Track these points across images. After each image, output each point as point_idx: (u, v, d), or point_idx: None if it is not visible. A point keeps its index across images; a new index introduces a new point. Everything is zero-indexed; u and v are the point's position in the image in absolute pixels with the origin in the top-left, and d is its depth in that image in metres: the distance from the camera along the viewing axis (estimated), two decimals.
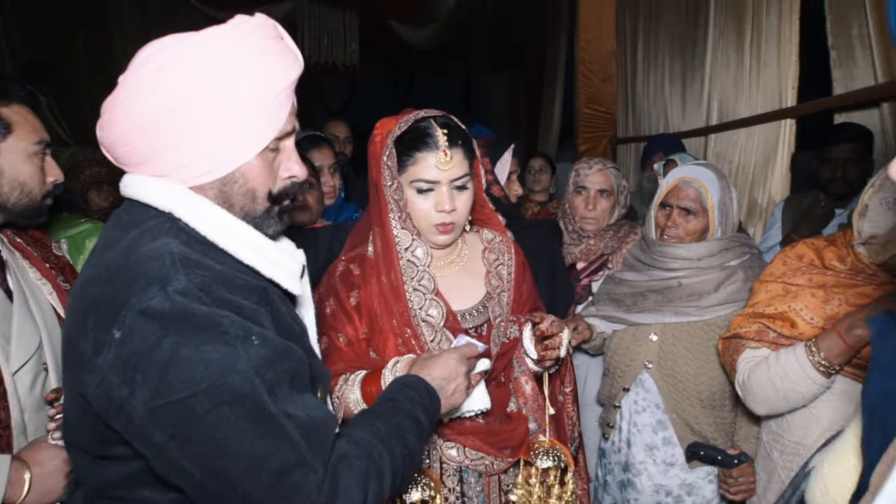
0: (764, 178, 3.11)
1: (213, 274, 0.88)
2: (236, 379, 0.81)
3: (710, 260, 1.87)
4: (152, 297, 0.82)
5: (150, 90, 0.89)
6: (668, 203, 1.92)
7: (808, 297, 1.52)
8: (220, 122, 0.90)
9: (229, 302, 0.86)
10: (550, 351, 1.46)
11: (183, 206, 0.93)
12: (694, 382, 1.85)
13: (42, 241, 1.60)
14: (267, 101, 0.92)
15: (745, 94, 3.24)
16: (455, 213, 1.42)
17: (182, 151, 0.91)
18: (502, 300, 1.54)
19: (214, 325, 0.82)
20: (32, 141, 1.41)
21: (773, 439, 1.62)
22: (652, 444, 1.92)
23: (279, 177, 1.01)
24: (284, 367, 0.88)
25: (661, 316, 1.88)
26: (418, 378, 1.16)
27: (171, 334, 0.81)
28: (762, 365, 1.55)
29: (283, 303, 1.02)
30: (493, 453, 1.48)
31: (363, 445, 0.95)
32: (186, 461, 0.83)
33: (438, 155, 1.37)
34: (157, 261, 0.86)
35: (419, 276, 1.47)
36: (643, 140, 4.43)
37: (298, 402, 0.88)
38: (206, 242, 0.93)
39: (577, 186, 2.32)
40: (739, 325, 1.64)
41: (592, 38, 4.64)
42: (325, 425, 0.91)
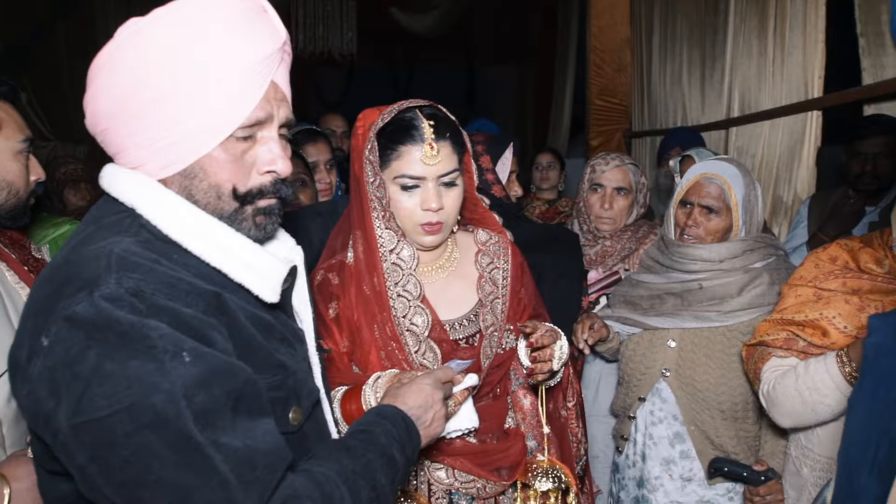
0: (789, 173, 3.10)
1: (155, 277, 0.82)
2: (160, 400, 0.76)
3: (732, 262, 1.85)
4: (78, 302, 0.78)
5: (108, 74, 0.88)
6: (688, 201, 1.91)
7: (842, 304, 1.50)
8: (174, 106, 0.87)
9: (166, 310, 0.80)
10: (540, 364, 1.41)
11: (144, 201, 0.90)
12: (715, 392, 1.84)
13: (21, 242, 1.61)
14: (225, 82, 0.87)
15: (769, 85, 3.22)
16: (442, 211, 1.38)
17: (143, 139, 0.89)
18: (496, 308, 1.51)
19: (141, 338, 0.77)
20: (18, 139, 1.43)
21: (803, 454, 1.61)
22: (669, 458, 1.91)
23: (256, 171, 0.95)
24: (224, 390, 0.81)
25: (681, 321, 1.87)
26: (395, 409, 1.09)
27: (95, 345, 0.76)
28: (789, 375, 1.53)
29: (262, 310, 0.98)
30: (485, 476, 1.44)
31: (322, 485, 0.88)
32: (107, 487, 0.78)
33: (424, 148, 1.33)
34: (93, 262, 0.82)
35: (404, 280, 1.43)
36: (659, 134, 4.41)
37: (241, 429, 0.81)
38: (170, 241, 0.90)
39: (592, 183, 2.30)
40: (766, 332, 1.62)
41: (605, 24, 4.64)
42: (268, 458, 0.83)
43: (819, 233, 2.62)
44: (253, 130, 0.93)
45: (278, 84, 0.95)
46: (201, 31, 0.86)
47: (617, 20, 4.66)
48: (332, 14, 6.99)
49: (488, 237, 1.57)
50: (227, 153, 0.91)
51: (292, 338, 1.06)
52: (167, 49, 0.86)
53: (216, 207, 0.93)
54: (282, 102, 0.96)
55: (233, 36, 0.88)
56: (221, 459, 0.78)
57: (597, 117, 4.80)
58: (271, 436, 0.85)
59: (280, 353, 0.98)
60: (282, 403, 0.96)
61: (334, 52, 7.03)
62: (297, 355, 1.05)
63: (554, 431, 1.58)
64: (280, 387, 0.96)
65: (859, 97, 2.71)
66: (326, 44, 6.97)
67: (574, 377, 1.69)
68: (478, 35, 8.59)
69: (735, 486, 1.86)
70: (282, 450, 0.86)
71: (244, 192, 0.94)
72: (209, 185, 0.92)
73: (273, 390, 0.93)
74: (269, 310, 1.01)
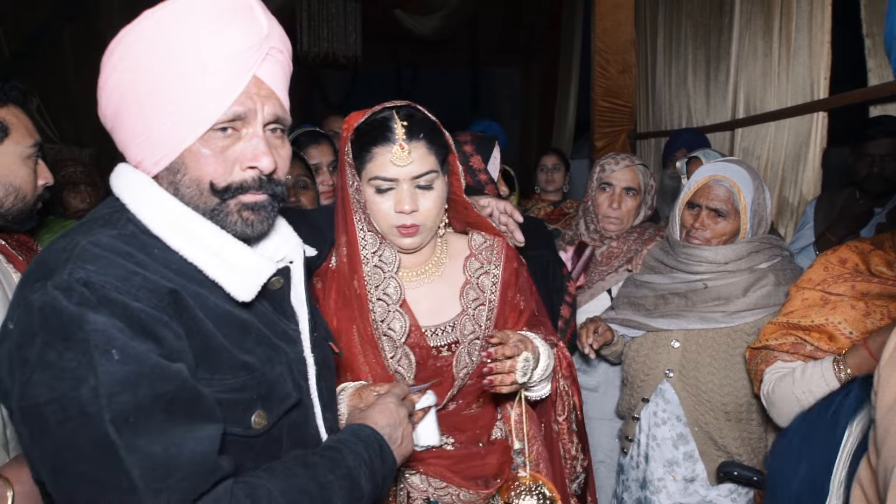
0: (795, 174, 3.09)
1: (110, 271, 0.84)
2: (85, 394, 0.77)
3: (738, 263, 1.85)
4: (35, 290, 0.82)
5: (106, 75, 0.93)
6: (696, 203, 1.90)
7: (848, 310, 1.49)
8: (157, 101, 0.89)
9: (115, 302, 0.81)
10: (497, 375, 1.30)
11: (132, 197, 0.94)
12: (719, 393, 1.83)
13: (28, 244, 1.62)
14: (200, 77, 0.89)
15: (774, 86, 3.22)
16: (418, 214, 1.35)
17: (136, 135, 0.93)
18: (480, 315, 1.47)
19: (77, 330, 0.79)
20: (28, 144, 1.44)
21: None
22: (672, 460, 1.91)
23: (238, 167, 0.95)
24: (152, 392, 0.80)
25: (685, 322, 1.86)
26: (372, 431, 1.08)
27: (41, 333, 0.80)
28: (787, 377, 1.54)
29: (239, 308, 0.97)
30: (459, 483, 1.42)
31: (257, 501, 0.86)
32: (42, 470, 0.83)
33: (394, 149, 1.31)
34: (58, 254, 0.86)
35: (385, 283, 1.42)
36: (664, 135, 4.41)
37: (168, 434, 0.80)
38: (153, 236, 0.92)
39: (601, 183, 2.30)
40: (771, 335, 1.62)
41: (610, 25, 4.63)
42: (189, 469, 0.81)
43: (827, 233, 2.61)
44: (234, 125, 0.94)
45: (262, 80, 0.95)
46: (178, 29, 0.88)
47: (621, 21, 4.65)
48: (336, 16, 7.02)
49: (483, 241, 1.53)
50: (208, 147, 0.92)
51: (277, 338, 1.04)
52: (149, 47, 0.89)
53: (199, 202, 0.95)
54: (267, 99, 0.96)
55: (206, 30, 0.89)
56: (133, 462, 0.77)
57: (601, 118, 4.79)
58: (204, 445, 0.83)
59: (250, 354, 0.97)
60: (243, 405, 0.94)
61: (338, 54, 7.05)
62: (279, 357, 1.02)
63: (546, 447, 1.54)
64: (241, 389, 0.94)
65: (865, 98, 2.71)
66: (331, 46, 6.99)
67: (573, 390, 1.55)
68: (482, 36, 8.59)
69: (738, 487, 1.85)
70: (212, 462, 0.83)
71: (222, 186, 0.94)
72: (190, 180, 0.93)
73: (233, 392, 0.93)
74: (249, 308, 1.00)
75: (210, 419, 0.86)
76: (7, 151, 1.41)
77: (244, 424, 0.94)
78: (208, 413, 0.86)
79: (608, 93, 4.73)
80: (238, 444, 0.94)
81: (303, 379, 1.08)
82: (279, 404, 1.00)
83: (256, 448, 0.97)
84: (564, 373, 1.52)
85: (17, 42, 5.01)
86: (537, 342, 1.41)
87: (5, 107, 1.42)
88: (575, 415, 1.54)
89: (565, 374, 1.52)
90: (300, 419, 1.07)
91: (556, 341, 1.53)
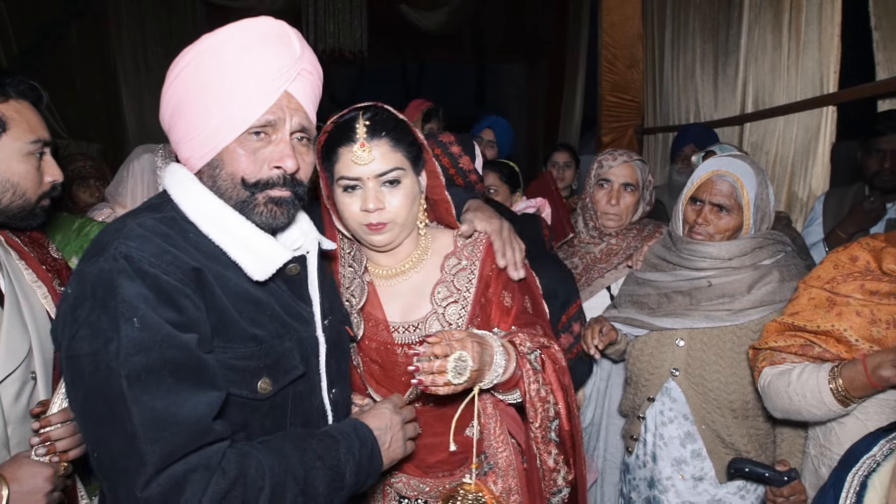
0: (804, 169, 3.08)
1: (147, 248, 1.01)
2: (111, 352, 0.94)
3: (742, 259, 1.84)
4: (90, 263, 1.01)
5: (167, 87, 1.12)
6: (698, 198, 1.89)
7: (853, 317, 1.48)
8: (205, 108, 1.08)
9: (148, 274, 0.98)
10: (428, 376, 1.25)
11: (175, 189, 1.13)
12: (725, 391, 1.83)
13: (40, 241, 1.61)
14: (240, 89, 1.07)
15: (784, 80, 3.20)
16: (384, 212, 1.36)
17: (186, 136, 1.11)
18: (451, 313, 1.45)
19: (111, 298, 0.96)
20: (28, 140, 1.41)
21: (821, 453, 1.59)
22: (680, 458, 1.90)
23: (267, 166, 1.12)
24: (161, 356, 0.95)
25: (690, 321, 1.85)
26: (371, 433, 1.19)
27: (90, 298, 0.97)
28: (784, 376, 1.54)
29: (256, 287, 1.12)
30: (414, 473, 1.48)
31: (247, 470, 0.98)
32: (75, 412, 1.01)
33: (355, 148, 1.33)
34: (112, 233, 1.04)
35: (353, 285, 1.45)
36: (671, 130, 4.39)
37: (172, 393, 0.94)
38: (190, 222, 1.10)
39: (599, 179, 2.30)
40: (776, 335, 1.60)
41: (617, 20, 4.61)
42: (185, 426, 0.94)
43: (837, 230, 2.60)
44: (265, 130, 1.11)
45: (293, 94, 1.13)
46: (226, 51, 1.07)
47: (629, 16, 4.63)
48: (342, 11, 7.02)
49: (467, 238, 1.53)
50: (243, 148, 1.10)
51: (291, 318, 1.18)
52: (202, 64, 1.08)
53: (232, 194, 1.12)
54: (295, 111, 1.13)
55: (248, 52, 1.07)
56: (137, 412, 0.92)
57: (608, 114, 4.77)
58: (200, 409, 0.96)
59: (261, 328, 1.11)
60: (251, 371, 1.09)
61: (345, 49, 7.05)
62: (289, 334, 1.16)
63: (528, 455, 1.48)
64: (250, 357, 1.09)
65: (875, 92, 2.68)
66: (337, 42, 7.00)
67: (557, 397, 1.42)
68: (488, 32, 8.57)
69: (746, 484, 1.85)
70: (205, 424, 0.96)
71: (253, 181, 1.11)
72: (226, 174, 1.11)
73: (242, 359, 1.08)
74: (266, 289, 1.15)
75: (212, 387, 0.99)
76: (4, 147, 1.38)
77: (251, 388, 1.09)
78: (211, 381, 1.00)
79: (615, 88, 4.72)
80: (246, 405, 1.09)
81: (313, 356, 1.22)
82: (285, 374, 1.14)
83: (263, 410, 1.12)
84: (546, 378, 1.40)
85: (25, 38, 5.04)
86: (492, 342, 1.34)
87: (6, 102, 1.40)
88: (558, 424, 1.42)
89: (546, 381, 1.40)
90: (306, 390, 1.20)
91: (546, 343, 1.44)
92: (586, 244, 2.33)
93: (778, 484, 1.61)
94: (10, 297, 1.42)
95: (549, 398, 1.40)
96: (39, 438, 1.28)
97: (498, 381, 1.34)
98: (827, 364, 1.48)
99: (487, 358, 1.30)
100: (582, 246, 2.34)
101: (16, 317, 1.40)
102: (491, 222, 1.55)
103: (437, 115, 3.91)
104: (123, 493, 0.93)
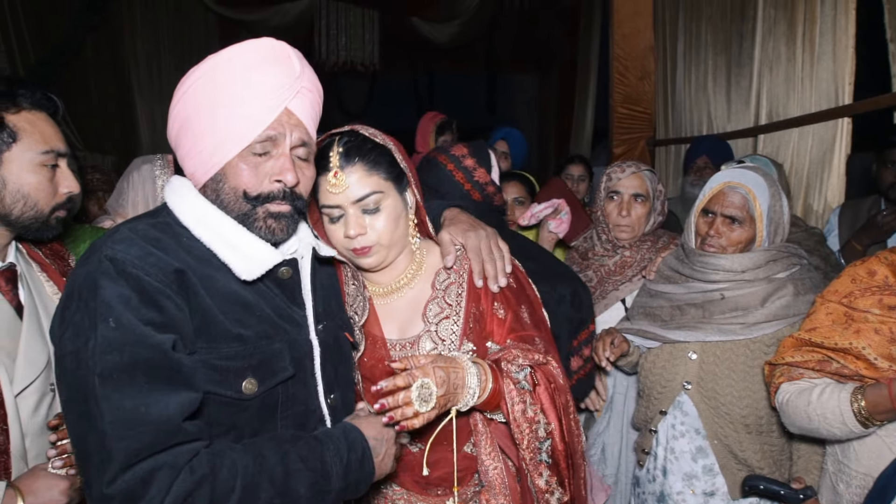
0: (819, 181, 3.05)
1: (132, 251, 1.05)
2: (88, 351, 0.98)
3: (755, 272, 1.82)
4: (81, 265, 1.06)
5: (174, 105, 1.16)
6: (710, 210, 1.87)
7: (872, 335, 1.45)
8: (208, 125, 1.12)
9: (130, 276, 1.02)
10: (396, 410, 1.21)
11: (171, 197, 1.18)
12: (738, 406, 1.80)
13: (61, 254, 1.61)
14: (242, 107, 1.11)
15: (798, 91, 3.18)
16: (367, 237, 1.37)
17: (191, 151, 1.15)
18: (444, 329, 1.43)
19: (92, 299, 1.00)
20: (39, 150, 1.40)
21: (839, 470, 1.57)
22: (691, 473, 1.88)
23: (268, 180, 1.15)
24: (133, 357, 0.98)
25: (703, 334, 1.83)
26: (362, 436, 1.19)
27: (77, 299, 1.02)
28: (805, 394, 1.51)
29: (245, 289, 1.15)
30: (414, 489, 1.46)
31: (216, 470, 0.99)
32: (62, 405, 1.04)
33: (329, 177, 1.34)
34: (105, 238, 1.09)
35: (357, 302, 1.46)
36: (684, 142, 4.37)
37: (143, 393, 0.97)
38: (183, 226, 1.15)
39: (609, 192, 2.29)
40: (792, 351, 1.58)
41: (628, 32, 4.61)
42: (153, 426, 0.96)
43: (852, 241, 2.57)
44: (266, 146, 1.14)
45: (293, 111, 1.16)
46: (230, 70, 1.11)
47: (640, 28, 4.62)
48: (354, 24, 7.09)
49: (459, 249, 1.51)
50: (245, 162, 1.14)
51: (282, 320, 1.20)
52: (206, 83, 1.12)
53: (234, 207, 1.16)
54: (295, 127, 1.16)
55: (250, 72, 1.11)
56: (106, 409, 0.95)
57: (620, 125, 4.76)
58: (171, 409, 0.98)
59: (247, 328, 1.13)
60: (234, 372, 1.11)
61: (356, 62, 7.11)
62: (279, 336, 1.18)
63: (521, 476, 1.44)
64: (233, 357, 1.11)
65: (890, 104, 2.66)
66: (349, 54, 7.06)
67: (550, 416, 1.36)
68: (499, 43, 8.61)
69: (760, 501, 1.81)
70: (174, 425, 0.98)
71: (254, 195, 1.15)
72: (229, 188, 1.15)
73: (226, 359, 1.10)
74: (256, 291, 1.17)
75: (187, 388, 1.02)
76: (15, 158, 1.37)
77: (235, 388, 1.10)
78: (186, 382, 1.02)
79: (627, 99, 4.70)
80: (232, 405, 1.11)
81: (307, 359, 1.24)
82: (272, 376, 1.16)
83: (251, 411, 1.13)
84: (537, 397, 1.35)
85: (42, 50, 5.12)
86: (464, 363, 1.31)
87: (18, 113, 1.39)
88: (550, 444, 1.36)
89: (535, 400, 1.34)
90: (300, 394, 1.22)
91: (542, 360, 1.39)
92: (600, 257, 2.32)
93: (794, 502, 1.58)
94: (29, 308, 1.42)
95: (537, 418, 1.34)
96: (56, 451, 1.29)
97: (475, 402, 1.30)
98: (849, 385, 1.46)
99: (458, 380, 1.27)
100: (596, 259, 2.33)
101: (35, 329, 1.40)
102: (466, 235, 1.51)
103: (450, 128, 3.92)
104: (94, 489, 0.96)
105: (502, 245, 1.53)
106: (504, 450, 1.46)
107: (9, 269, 1.44)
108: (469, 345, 1.43)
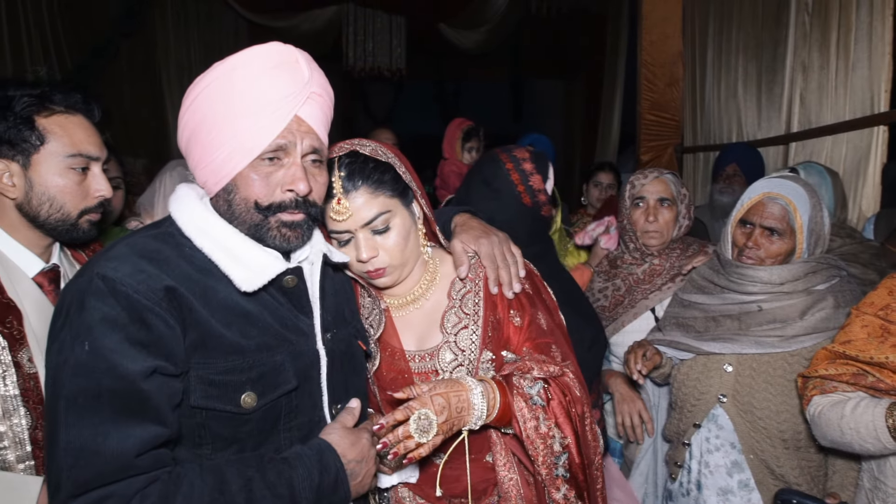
0: (854, 191, 2.97)
1: (123, 268, 1.03)
2: (62, 370, 0.98)
3: (794, 284, 1.77)
4: (73, 279, 1.05)
5: (182, 114, 1.14)
6: (749, 221, 1.82)
7: None
8: (218, 135, 1.09)
9: (120, 294, 1.00)
10: (399, 445, 1.18)
11: (175, 208, 1.16)
12: (776, 420, 1.75)
13: None
14: (251, 116, 1.07)
15: (832, 98, 3.11)
16: (379, 258, 1.35)
17: (201, 162, 1.13)
18: (463, 338, 1.41)
19: (75, 318, 0.99)
20: (67, 153, 1.39)
21: (875, 486, 1.52)
22: (726, 488, 1.83)
23: (279, 190, 1.13)
24: (99, 384, 0.96)
25: (739, 346, 1.78)
26: (336, 460, 1.13)
27: (64, 315, 1.02)
28: (838, 407, 1.47)
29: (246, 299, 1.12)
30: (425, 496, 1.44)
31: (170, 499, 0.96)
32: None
33: (333, 204, 1.31)
34: (100, 254, 1.08)
35: (372, 316, 1.44)
36: (712, 149, 4.30)
37: (102, 424, 0.95)
38: (185, 237, 1.12)
39: (634, 199, 2.25)
40: (826, 364, 1.53)
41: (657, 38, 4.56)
42: (99, 459, 0.94)
43: (886, 243, 2.49)
44: (277, 155, 1.11)
45: (303, 118, 1.13)
46: (237, 78, 1.08)
47: (669, 34, 4.57)
48: (381, 31, 7.13)
49: (473, 256, 1.49)
50: (256, 173, 1.11)
51: (287, 330, 1.17)
52: (214, 92, 1.09)
53: (246, 217, 1.13)
54: (306, 134, 1.13)
55: (258, 80, 1.08)
56: (63, 435, 0.95)
57: (647, 132, 4.71)
58: (128, 443, 0.96)
59: (248, 339, 1.11)
60: (233, 386, 1.08)
61: (383, 68, 7.15)
62: (283, 347, 1.15)
63: (537, 488, 1.40)
64: (231, 371, 1.08)
65: None
66: (376, 60, 7.10)
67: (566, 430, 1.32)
68: (525, 49, 8.59)
69: None
70: (127, 460, 0.96)
71: (266, 205, 1.12)
72: (240, 198, 1.12)
73: (223, 374, 1.08)
74: (258, 301, 1.14)
75: (153, 422, 0.99)
76: (43, 160, 1.37)
77: (234, 403, 1.08)
78: (151, 417, 0.99)
79: (655, 106, 4.65)
80: (232, 419, 1.09)
81: (313, 370, 1.20)
82: (273, 389, 1.13)
83: (251, 423, 1.11)
84: (550, 412, 1.31)
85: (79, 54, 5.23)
86: (469, 384, 1.28)
87: (51, 115, 1.38)
88: (567, 458, 1.31)
89: (549, 416, 1.31)
90: (304, 405, 1.19)
91: (557, 372, 1.36)
92: (629, 265, 2.28)
93: None
94: None
95: (552, 433, 1.30)
96: None
97: (483, 422, 1.28)
98: (885, 400, 1.41)
99: (462, 403, 1.24)
100: (625, 267, 2.29)
101: None
102: (479, 242, 1.48)
103: (477, 134, 3.91)
104: None
105: (515, 250, 1.51)
106: (521, 460, 1.43)
107: (52, 269, 1.46)
108: (489, 353, 1.42)
